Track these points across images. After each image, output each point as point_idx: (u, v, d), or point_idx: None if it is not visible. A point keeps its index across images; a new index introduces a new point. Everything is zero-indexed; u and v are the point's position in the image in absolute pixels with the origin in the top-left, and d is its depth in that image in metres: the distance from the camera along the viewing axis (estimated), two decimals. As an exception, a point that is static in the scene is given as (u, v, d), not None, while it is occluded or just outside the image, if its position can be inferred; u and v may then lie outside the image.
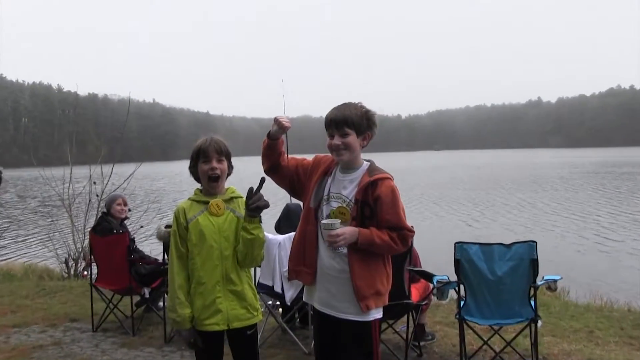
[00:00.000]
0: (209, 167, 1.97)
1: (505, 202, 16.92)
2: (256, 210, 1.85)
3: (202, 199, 2.00)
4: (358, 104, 1.88)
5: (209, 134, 2.05)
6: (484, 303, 2.78)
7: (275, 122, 1.90)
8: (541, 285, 2.80)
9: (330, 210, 1.87)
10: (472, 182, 25.43)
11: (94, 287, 3.95)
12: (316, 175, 1.95)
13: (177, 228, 1.96)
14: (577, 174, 30.00)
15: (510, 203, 16.58)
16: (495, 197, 18.43)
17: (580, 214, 13.92)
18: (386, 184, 1.82)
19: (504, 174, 31.39)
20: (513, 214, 14.25)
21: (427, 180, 26.50)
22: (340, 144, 1.83)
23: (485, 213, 14.55)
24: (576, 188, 21.26)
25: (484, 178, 28.16)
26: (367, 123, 1.84)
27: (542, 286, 2.83)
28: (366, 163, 1.93)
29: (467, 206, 16.03)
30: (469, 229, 11.82)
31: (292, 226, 3.26)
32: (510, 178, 27.64)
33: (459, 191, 20.77)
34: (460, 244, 2.82)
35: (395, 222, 1.81)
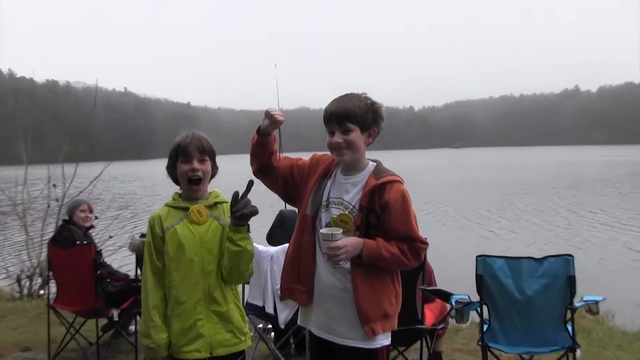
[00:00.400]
0: (190, 168, 1.98)
1: (536, 208, 16.92)
2: (242, 218, 1.86)
3: (181, 204, 2.01)
4: (362, 94, 1.89)
5: (190, 129, 2.06)
6: (511, 327, 2.78)
7: (266, 115, 1.92)
8: (580, 307, 2.79)
9: (330, 218, 1.88)
10: (496, 185, 25.46)
11: (51, 308, 3.93)
12: (314, 178, 1.96)
13: (152, 239, 1.97)
14: (623, 176, 29.96)
15: (542, 210, 16.57)
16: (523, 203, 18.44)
17: (627, 224, 13.82)
18: (395, 188, 1.83)
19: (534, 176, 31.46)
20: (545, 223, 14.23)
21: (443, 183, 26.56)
22: (341, 141, 1.84)
23: (512, 221, 14.55)
24: (622, 193, 21.24)
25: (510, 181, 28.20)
26: (372, 117, 1.86)
27: (581, 308, 2.83)
28: (372, 164, 1.94)
29: (490, 213, 16.03)
30: (492, 240, 11.81)
31: (287, 236, 3.25)
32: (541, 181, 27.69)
33: (481, 196, 20.78)
34: (482, 258, 2.82)
35: (405, 232, 1.82)
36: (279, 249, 3.24)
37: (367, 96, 1.89)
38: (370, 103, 1.87)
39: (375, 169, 1.90)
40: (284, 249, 3.12)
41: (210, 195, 2.07)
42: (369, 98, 1.88)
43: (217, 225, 1.98)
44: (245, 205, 1.85)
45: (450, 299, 2.93)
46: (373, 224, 1.82)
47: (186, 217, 1.98)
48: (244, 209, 1.84)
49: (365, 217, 1.82)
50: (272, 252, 3.24)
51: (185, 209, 1.99)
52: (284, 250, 3.13)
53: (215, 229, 1.97)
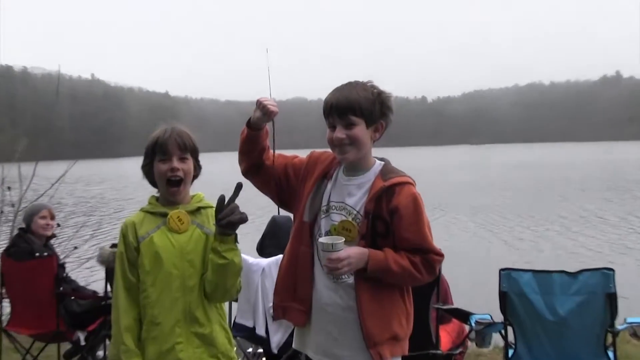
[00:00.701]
0: (169, 168, 1.99)
1: (567, 214, 16.92)
2: (229, 227, 1.86)
3: (158, 210, 2.02)
4: (367, 83, 1.90)
5: (169, 123, 2.07)
6: (540, 351, 2.78)
7: (257, 105, 1.93)
8: (623, 330, 2.78)
9: (331, 225, 1.89)
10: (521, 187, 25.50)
11: (4, 332, 3.93)
12: (312, 179, 1.97)
13: (124, 249, 1.97)
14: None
15: (574, 216, 16.56)
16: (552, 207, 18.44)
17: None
18: (406, 191, 1.84)
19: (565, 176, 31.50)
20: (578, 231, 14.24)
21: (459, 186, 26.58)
22: (344, 137, 1.85)
23: (540, 230, 14.54)
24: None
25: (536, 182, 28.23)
26: (379, 109, 1.87)
27: (624, 331, 2.81)
28: (379, 163, 1.95)
29: (514, 220, 16.02)
30: (517, 251, 11.82)
31: (280, 246, 3.26)
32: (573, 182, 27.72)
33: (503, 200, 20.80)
34: (507, 272, 2.82)
35: (418, 242, 1.83)
36: (272, 261, 3.24)
37: (374, 85, 1.90)
38: (376, 93, 1.87)
39: (382, 169, 1.91)
40: (277, 261, 3.12)
41: (193, 199, 2.07)
42: (376, 87, 1.89)
43: (200, 233, 1.98)
44: (232, 211, 1.85)
45: (469, 319, 2.93)
46: (380, 232, 1.83)
47: (164, 224, 1.98)
48: (231, 216, 1.84)
49: (371, 224, 1.83)
50: (264, 265, 3.25)
51: (163, 215, 2.00)
52: (277, 262, 3.13)
53: (198, 238, 1.97)
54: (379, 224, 1.83)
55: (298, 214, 1.96)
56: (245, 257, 3.21)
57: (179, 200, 2.03)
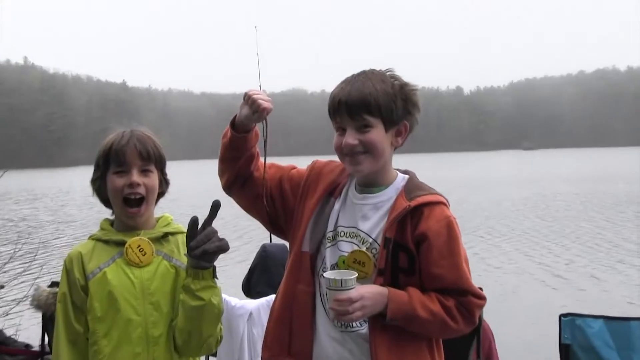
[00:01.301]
0: (127, 182, 2.01)
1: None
2: (205, 258, 1.88)
3: (113, 237, 2.04)
4: (387, 72, 1.94)
5: (127, 123, 2.11)
6: None
7: (245, 100, 1.95)
8: None
9: (339, 257, 1.90)
10: (585, 207, 25.38)
11: None
12: (314, 197, 1.99)
13: (68, 289, 1.99)
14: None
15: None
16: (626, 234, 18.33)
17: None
18: (438, 214, 1.86)
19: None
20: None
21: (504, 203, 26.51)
22: (356, 143, 1.88)
23: (609, 261, 14.46)
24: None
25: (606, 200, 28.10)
26: (403, 106, 1.90)
27: None
28: (402, 177, 1.98)
29: (575, 250, 15.92)
30: (581, 292, 11.74)
31: (272, 284, 3.28)
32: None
33: (561, 223, 20.70)
34: (570, 318, 2.83)
35: (452, 280, 1.84)
36: (261, 303, 3.26)
37: (394, 75, 1.93)
38: (398, 85, 1.90)
39: (406, 185, 1.93)
40: (269, 303, 3.14)
41: (158, 222, 2.09)
42: (397, 77, 1.93)
43: (167, 267, 2.00)
44: (208, 237, 1.86)
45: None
46: (403, 266, 1.85)
47: (121, 255, 2.00)
48: (206, 244, 1.86)
49: (392, 256, 1.85)
50: (251, 308, 3.26)
51: (119, 244, 2.02)
52: (268, 305, 3.15)
53: (165, 274, 1.99)
54: (402, 256, 1.84)
55: (296, 242, 1.98)
56: (228, 298, 3.22)
57: (140, 225, 2.05)
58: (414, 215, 1.86)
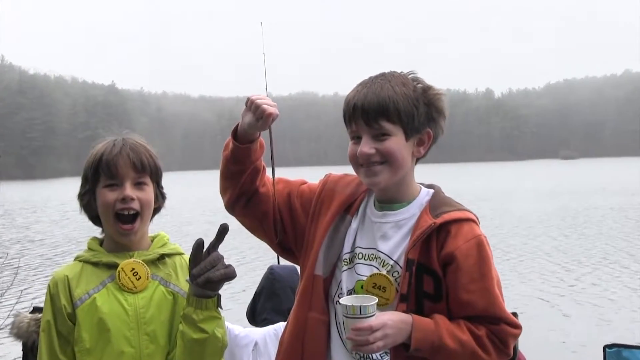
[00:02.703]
0: (119, 197, 2.03)
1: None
2: (208, 286, 1.89)
3: (103, 258, 2.05)
4: (408, 74, 1.95)
5: (119, 130, 2.13)
6: None
7: (248, 106, 1.97)
8: None
9: (357, 281, 1.92)
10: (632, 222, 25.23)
11: None
12: (328, 215, 2.01)
13: (52, 317, 2.01)
14: None
15: None
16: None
17: None
18: (467, 232, 1.87)
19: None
20: None
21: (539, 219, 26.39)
22: (373, 152, 1.89)
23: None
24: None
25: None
26: (425, 112, 1.92)
27: None
28: (426, 191, 1.99)
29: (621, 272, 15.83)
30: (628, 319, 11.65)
31: (281, 311, 3.28)
32: None
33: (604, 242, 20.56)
34: (616, 350, 2.82)
35: (483, 306, 1.84)
36: (268, 332, 3.25)
37: (417, 77, 1.95)
38: (421, 89, 1.92)
39: (431, 201, 1.94)
40: (277, 332, 3.14)
41: (154, 242, 2.11)
42: (420, 80, 1.94)
43: (164, 293, 2.01)
44: (213, 264, 1.87)
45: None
46: (428, 291, 1.85)
47: (112, 279, 2.01)
48: (210, 271, 1.87)
49: (416, 279, 1.85)
50: (256, 338, 3.26)
51: (110, 267, 2.03)
52: (276, 334, 3.14)
53: (162, 301, 2.00)
54: (427, 279, 1.85)
55: (308, 264, 1.99)
56: (231, 326, 3.22)
57: (134, 245, 2.07)
58: (440, 234, 1.86)
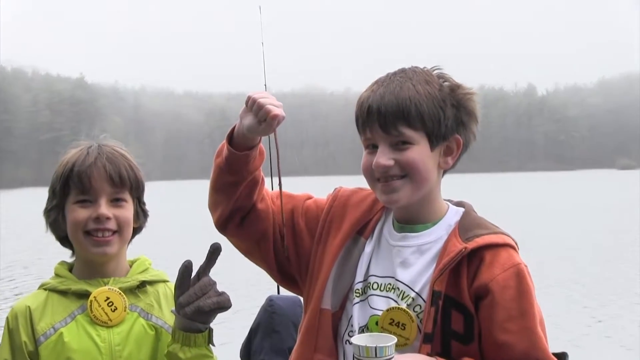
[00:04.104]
0: (92, 215, 2.05)
1: None
2: (198, 317, 1.89)
3: (73, 286, 2.07)
4: (433, 70, 1.98)
5: (94, 135, 2.15)
6: None
7: (249, 106, 1.95)
8: None
9: (372, 316, 1.93)
10: None
11: None
12: (338, 237, 2.02)
13: (11, 355, 2.01)
14: None
15: None
16: None
17: None
18: (504, 260, 1.88)
19: None
20: None
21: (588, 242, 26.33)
22: (391, 164, 1.91)
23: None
24: None
25: None
26: (454, 115, 1.93)
27: None
28: (455, 210, 2.01)
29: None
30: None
31: (280, 350, 3.29)
32: None
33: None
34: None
35: (523, 349, 1.84)
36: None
37: (443, 74, 1.97)
38: (448, 87, 1.94)
39: (461, 221, 1.96)
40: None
41: (133, 267, 2.12)
42: (447, 77, 1.96)
43: (144, 327, 2.03)
44: (203, 291, 1.89)
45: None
46: (457, 330, 1.86)
47: (83, 310, 2.03)
48: (200, 300, 1.88)
49: (443, 316, 1.86)
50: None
51: (81, 296, 2.05)
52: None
53: (142, 336, 2.02)
54: (456, 316, 1.85)
55: (313, 296, 2.01)
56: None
57: (109, 270, 2.08)
58: (472, 262, 1.87)
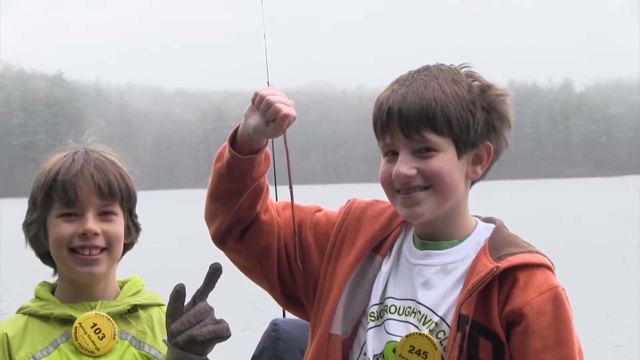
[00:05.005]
0: (78, 230, 2.07)
1: None
2: (192, 347, 1.89)
3: (56, 311, 2.08)
4: (461, 68, 1.99)
5: (76, 137, 2.18)
6: None
7: (256, 104, 1.94)
8: None
9: (388, 343, 1.93)
10: None
11: None
12: (351, 254, 2.03)
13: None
14: None
15: None
16: None
17: None
18: (540, 282, 1.88)
19: None
20: None
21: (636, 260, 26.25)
22: (413, 173, 1.91)
23: None
24: None
25: None
26: (485, 119, 1.94)
27: None
28: (484, 226, 2.02)
29: None
30: None
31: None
32: None
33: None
34: None
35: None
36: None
37: (472, 72, 1.98)
38: (479, 88, 1.95)
39: (492, 239, 1.96)
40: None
41: (124, 289, 2.14)
42: (476, 76, 1.98)
43: (135, 357, 2.05)
44: (198, 317, 1.89)
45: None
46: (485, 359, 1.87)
47: (67, 338, 2.04)
48: (194, 328, 1.88)
49: (470, 343, 1.86)
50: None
51: (65, 322, 2.06)
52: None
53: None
54: (484, 344, 1.86)
55: (322, 320, 2.01)
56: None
57: (97, 293, 2.10)
58: (504, 284, 1.87)
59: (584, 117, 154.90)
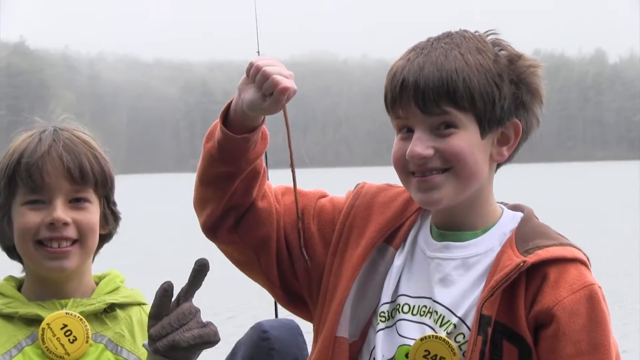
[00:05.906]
0: (45, 220, 2.07)
1: None
2: (175, 354, 1.90)
3: (21, 309, 2.09)
4: (487, 35, 1.98)
5: (47, 116, 2.17)
6: None
7: (251, 75, 1.94)
8: None
9: (400, 346, 1.94)
10: None
11: None
12: (359, 246, 2.03)
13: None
14: None
15: None
16: None
17: None
18: (573, 279, 1.88)
19: None
20: None
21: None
22: (430, 153, 1.92)
23: None
24: None
25: None
26: (513, 93, 1.94)
27: None
28: (510, 214, 2.02)
29: None
30: None
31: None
32: None
33: None
34: None
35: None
36: None
37: (499, 40, 1.98)
38: (506, 58, 1.95)
39: (519, 229, 1.96)
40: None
41: (100, 285, 2.14)
42: (503, 45, 1.98)
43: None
44: (182, 320, 1.89)
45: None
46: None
47: (34, 340, 2.05)
48: (177, 332, 1.88)
49: (493, 347, 1.87)
50: None
51: (31, 322, 2.06)
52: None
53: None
54: (509, 348, 1.86)
55: (326, 321, 2.02)
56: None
57: (69, 290, 2.10)
58: (533, 280, 1.87)
59: (617, 92, 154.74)
